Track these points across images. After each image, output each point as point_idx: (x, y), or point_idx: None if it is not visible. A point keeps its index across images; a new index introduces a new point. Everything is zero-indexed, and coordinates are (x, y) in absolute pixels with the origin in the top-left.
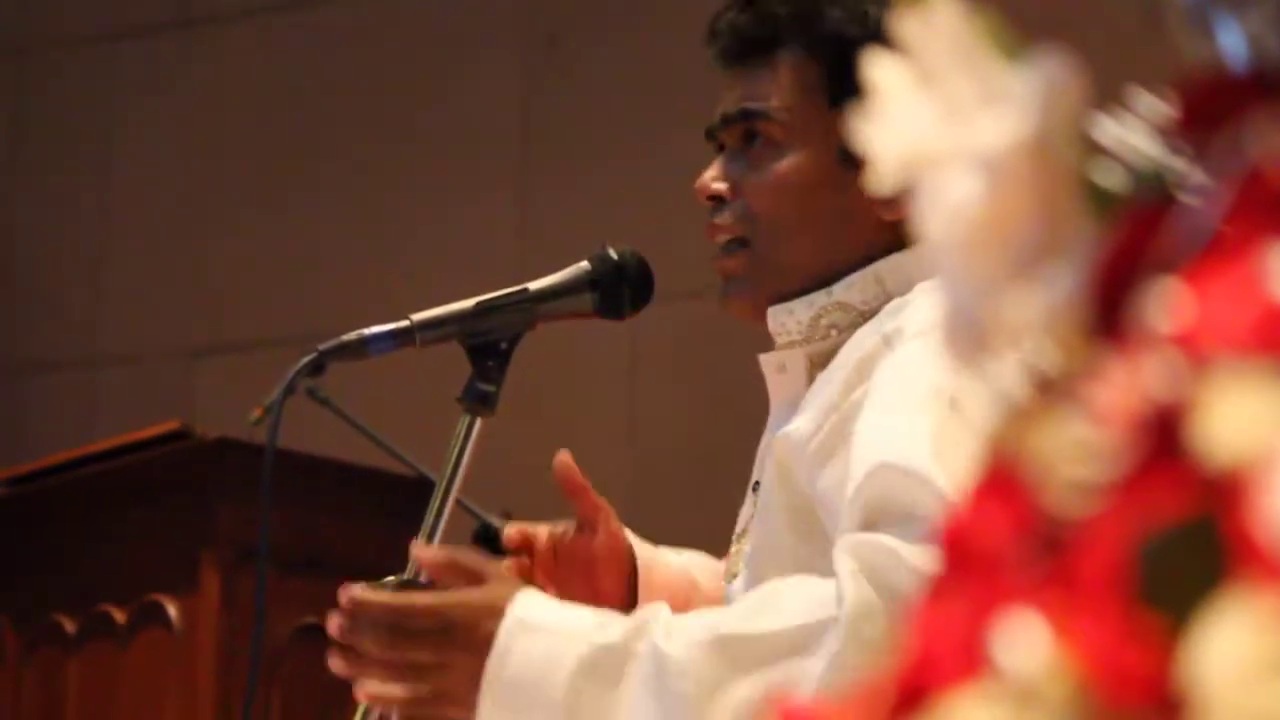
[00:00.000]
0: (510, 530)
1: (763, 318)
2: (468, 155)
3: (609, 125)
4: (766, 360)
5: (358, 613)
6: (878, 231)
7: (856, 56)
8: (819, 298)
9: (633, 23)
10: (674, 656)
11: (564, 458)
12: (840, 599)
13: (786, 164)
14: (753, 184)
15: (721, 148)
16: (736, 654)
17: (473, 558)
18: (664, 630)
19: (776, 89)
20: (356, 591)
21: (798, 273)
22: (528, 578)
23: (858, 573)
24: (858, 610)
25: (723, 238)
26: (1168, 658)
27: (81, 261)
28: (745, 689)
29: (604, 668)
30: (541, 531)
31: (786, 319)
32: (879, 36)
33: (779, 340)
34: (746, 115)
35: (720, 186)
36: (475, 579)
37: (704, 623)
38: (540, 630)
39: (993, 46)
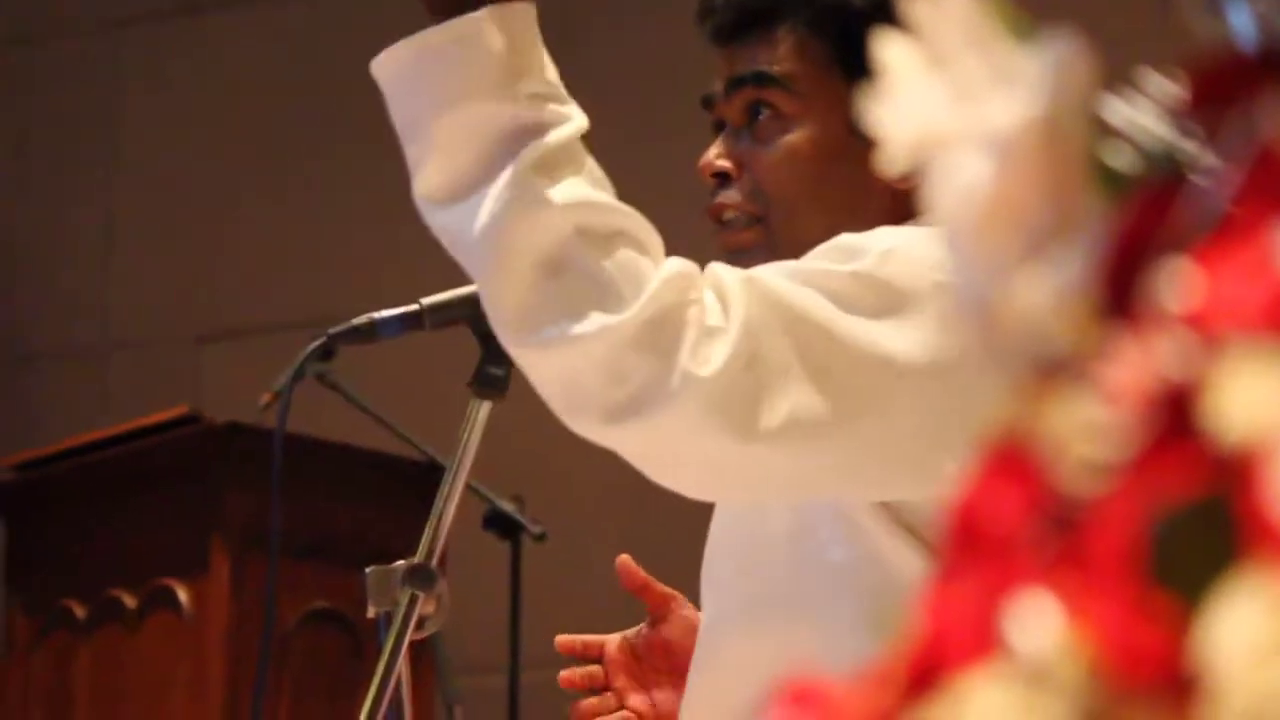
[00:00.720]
0: (563, 640)
1: None
2: None
3: (617, 113)
4: None
5: None
6: (891, 201)
7: (861, 27)
8: None
9: (647, 19)
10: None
11: (625, 559)
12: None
13: (796, 136)
14: (762, 159)
15: (720, 125)
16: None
17: None
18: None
19: (782, 59)
20: None
21: (809, 249)
22: (602, 686)
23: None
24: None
25: (730, 214)
26: (1180, 637)
27: (89, 247)
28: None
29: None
30: (610, 639)
31: None
32: (884, 5)
33: None
34: (759, 79)
35: (725, 164)
36: None
37: (583, 184)
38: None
39: (1003, 27)
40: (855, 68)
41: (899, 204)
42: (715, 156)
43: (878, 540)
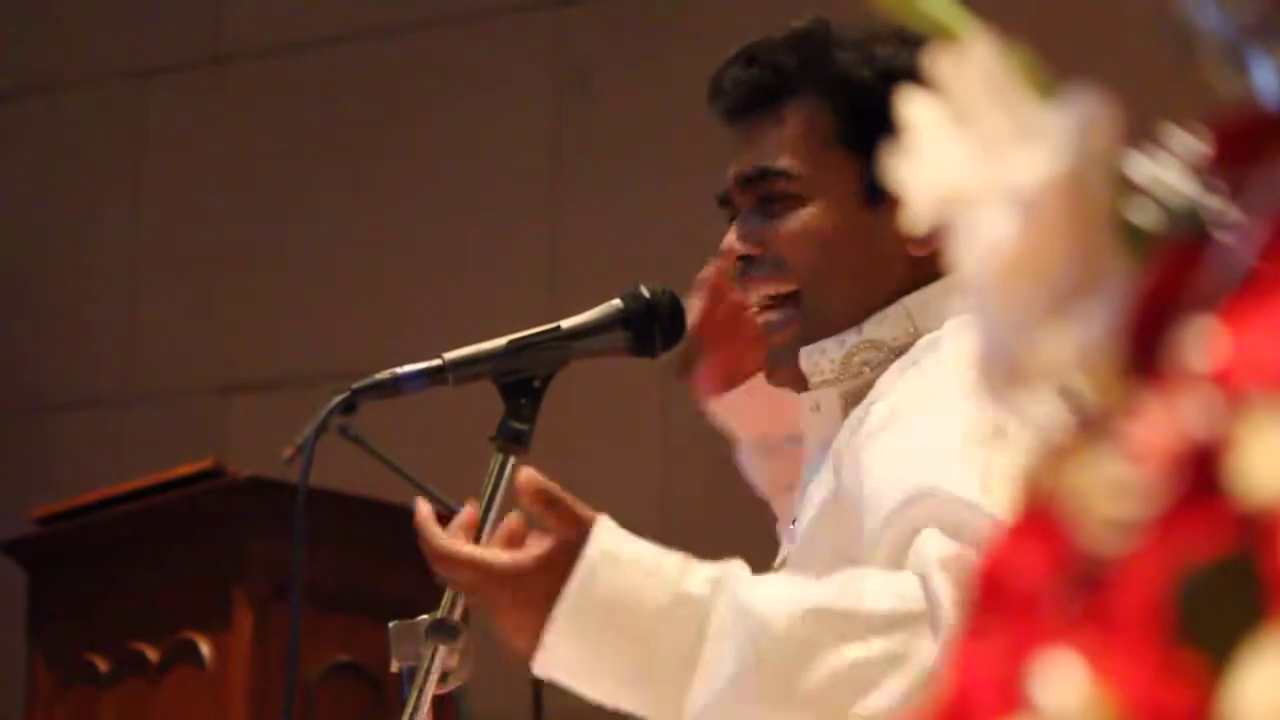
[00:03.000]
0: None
1: (805, 387)
2: (499, 190)
3: (639, 159)
4: (801, 400)
5: (441, 560)
6: (907, 267)
7: (869, 98)
8: (849, 336)
9: (663, 56)
10: (762, 615)
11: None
12: (931, 593)
13: (810, 215)
14: (780, 235)
15: (734, 214)
16: (831, 624)
17: (566, 498)
18: (747, 588)
19: (790, 141)
20: (437, 544)
21: (839, 318)
22: None
23: (945, 573)
24: (952, 605)
25: (764, 291)
26: (1206, 696)
27: (112, 298)
28: (840, 657)
29: (684, 616)
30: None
31: (819, 359)
32: (889, 76)
33: (812, 380)
34: (765, 175)
35: (748, 248)
36: (563, 520)
37: (789, 593)
38: (624, 565)
39: (1027, 84)
40: (861, 140)
41: (918, 269)
42: (738, 240)
43: None
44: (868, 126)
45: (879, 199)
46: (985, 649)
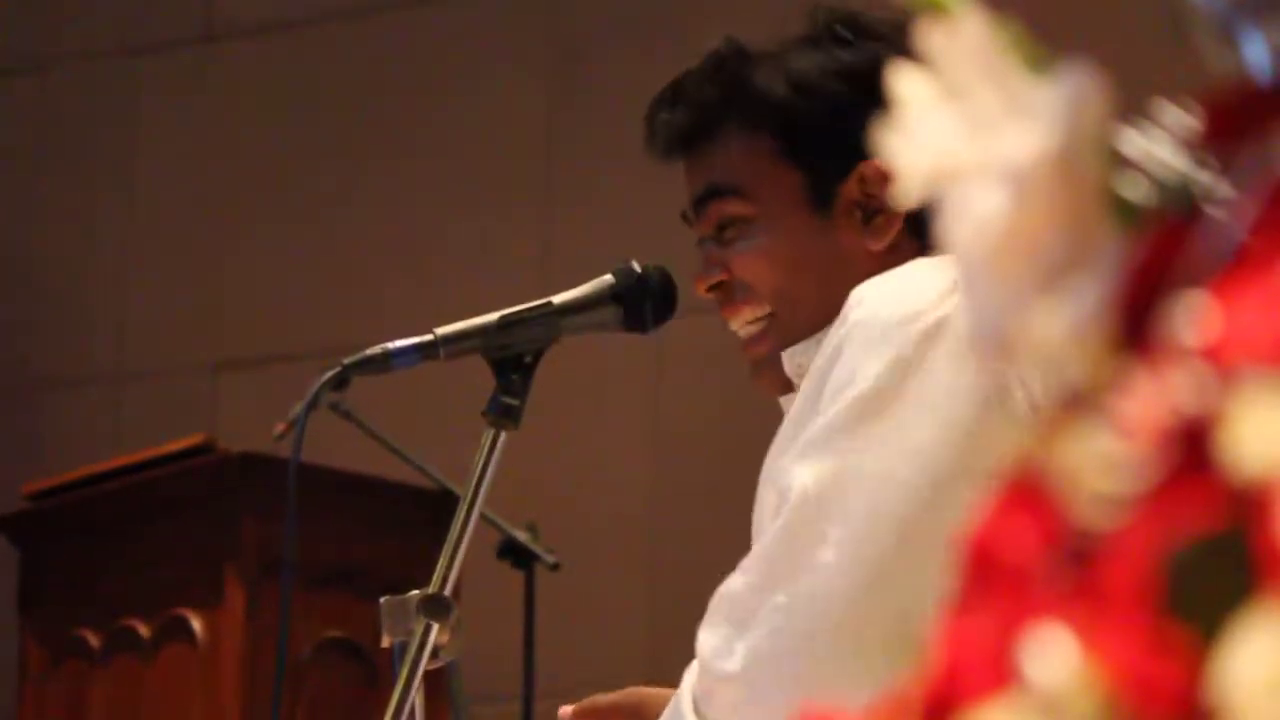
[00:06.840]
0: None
1: (791, 389)
2: (491, 169)
3: (632, 139)
4: (785, 402)
5: None
6: (868, 262)
7: (791, 113)
8: (824, 335)
9: (656, 37)
10: None
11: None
12: None
13: (764, 238)
14: (742, 262)
15: (701, 239)
16: None
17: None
18: None
19: (731, 165)
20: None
21: (813, 325)
22: None
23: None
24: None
25: (744, 318)
26: (1197, 671)
27: (104, 276)
28: None
29: None
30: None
31: (802, 359)
32: (807, 89)
33: (796, 381)
34: (714, 192)
35: (715, 277)
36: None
37: None
38: None
39: (1018, 59)
40: (797, 152)
41: (879, 261)
42: (706, 273)
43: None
44: (799, 138)
45: (828, 204)
46: (975, 623)
